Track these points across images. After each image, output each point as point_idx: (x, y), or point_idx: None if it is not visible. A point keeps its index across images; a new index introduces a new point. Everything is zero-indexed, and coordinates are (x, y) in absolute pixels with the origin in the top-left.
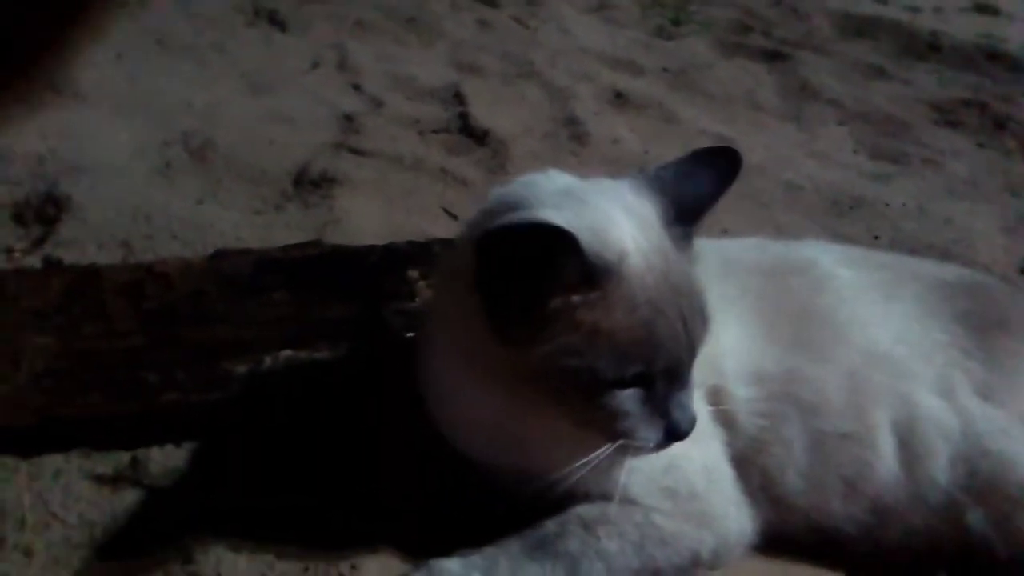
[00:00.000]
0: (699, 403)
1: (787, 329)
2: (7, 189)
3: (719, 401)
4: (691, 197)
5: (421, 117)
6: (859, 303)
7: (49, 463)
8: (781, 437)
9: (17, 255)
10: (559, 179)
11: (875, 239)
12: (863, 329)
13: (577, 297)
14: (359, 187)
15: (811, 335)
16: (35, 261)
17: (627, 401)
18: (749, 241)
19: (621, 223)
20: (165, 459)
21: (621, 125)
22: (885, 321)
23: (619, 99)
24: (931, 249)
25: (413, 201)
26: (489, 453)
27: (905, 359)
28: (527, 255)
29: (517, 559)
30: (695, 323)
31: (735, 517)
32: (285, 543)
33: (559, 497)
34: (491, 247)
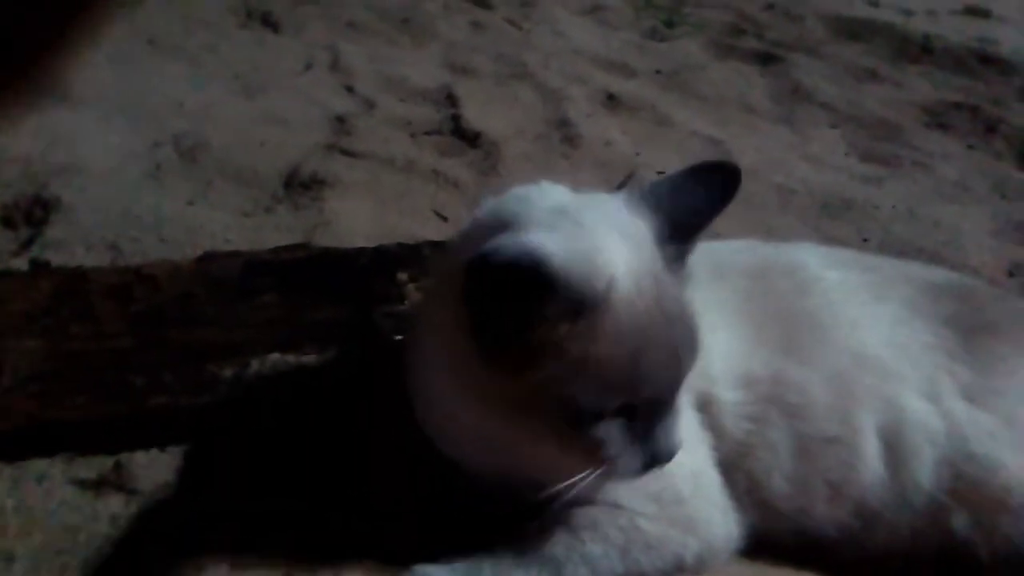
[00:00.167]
0: (686, 408)
1: (775, 332)
2: None
3: (707, 405)
4: (687, 214)
5: (413, 119)
6: (847, 305)
7: (32, 467)
8: (767, 441)
9: None
10: (552, 194)
11: (864, 242)
12: (850, 331)
13: (563, 327)
14: (350, 189)
15: (798, 338)
16: (23, 263)
17: (610, 430)
18: (738, 243)
19: (612, 245)
20: (150, 463)
21: (613, 127)
22: (872, 323)
23: (612, 101)
24: (920, 252)
25: (404, 203)
26: (474, 460)
27: (892, 362)
28: (512, 284)
29: (502, 564)
30: (684, 350)
31: (721, 522)
32: (269, 549)
33: (545, 502)
34: (478, 272)
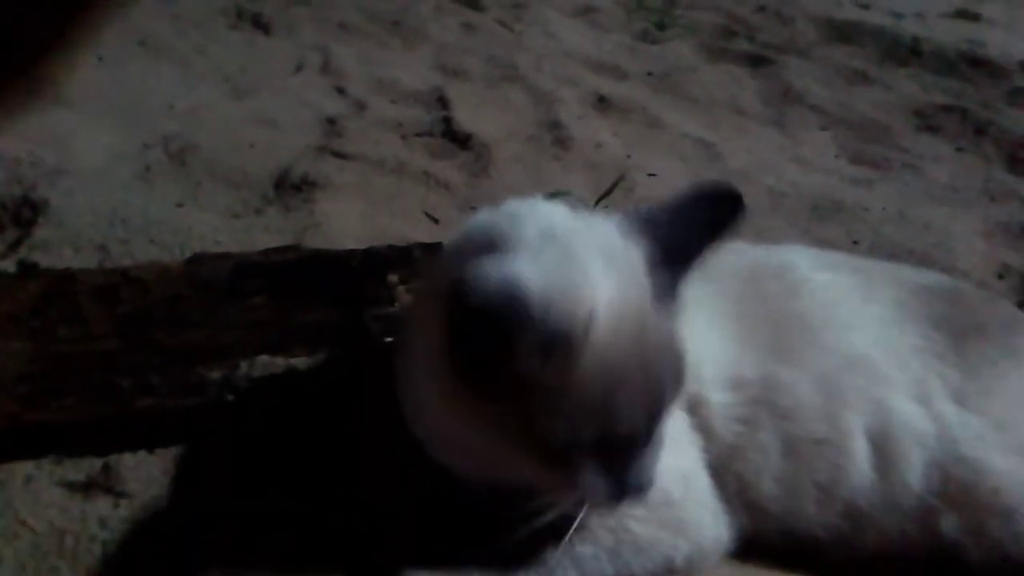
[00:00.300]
0: (676, 411)
1: (765, 334)
2: None
3: (697, 407)
4: (683, 241)
5: (404, 120)
6: (836, 307)
7: (19, 469)
8: (757, 443)
9: None
10: (544, 215)
11: (854, 244)
12: (840, 333)
13: (537, 360)
14: (341, 190)
15: (788, 340)
16: (10, 265)
17: (583, 462)
18: (727, 245)
19: (598, 277)
20: (138, 465)
21: (604, 129)
22: (862, 325)
23: (603, 103)
24: (910, 254)
25: (395, 205)
26: (460, 465)
27: (881, 364)
28: (489, 314)
29: (490, 569)
30: (666, 385)
31: (710, 524)
32: (260, 550)
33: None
34: (457, 298)
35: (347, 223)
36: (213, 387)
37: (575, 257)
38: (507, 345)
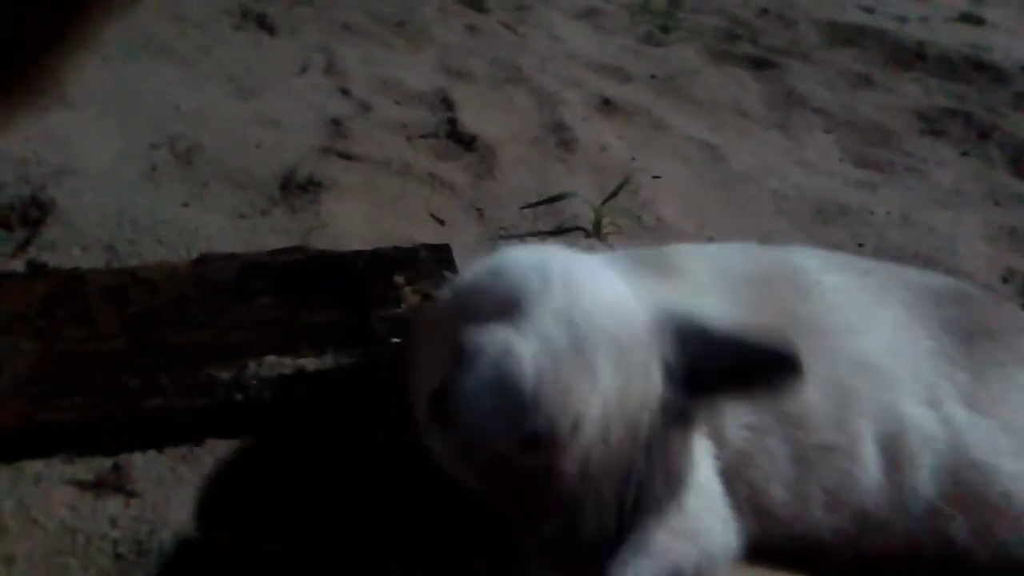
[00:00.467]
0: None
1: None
2: None
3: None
4: (714, 377)
5: (409, 122)
6: (846, 310)
7: (30, 468)
8: (766, 449)
9: None
10: (570, 287)
11: (859, 247)
12: (850, 337)
13: (514, 449)
14: (346, 192)
15: (797, 344)
16: (19, 265)
17: (544, 540)
18: (736, 246)
19: (598, 378)
20: (148, 465)
21: (609, 132)
22: (872, 329)
23: (607, 105)
24: (915, 257)
25: (401, 206)
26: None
27: (891, 367)
28: (483, 394)
29: (490, 570)
30: (648, 501)
31: (721, 532)
32: (268, 549)
33: None
34: (456, 363)
35: (353, 224)
36: (222, 387)
37: (584, 352)
38: (494, 423)
